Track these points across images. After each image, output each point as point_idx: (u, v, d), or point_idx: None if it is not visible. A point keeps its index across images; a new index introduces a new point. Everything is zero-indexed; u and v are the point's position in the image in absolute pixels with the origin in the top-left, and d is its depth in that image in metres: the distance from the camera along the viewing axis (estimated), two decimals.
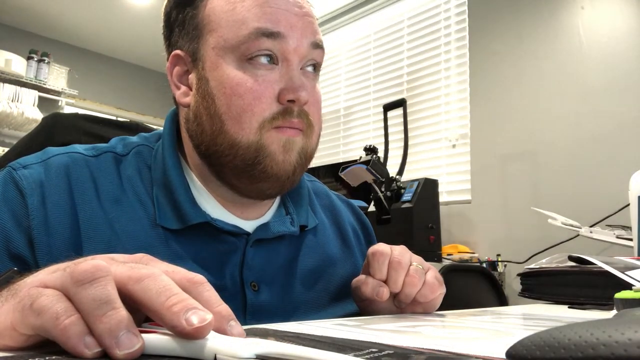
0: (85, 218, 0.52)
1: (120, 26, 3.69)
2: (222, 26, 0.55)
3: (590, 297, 0.81)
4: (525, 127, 2.17)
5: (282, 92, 0.55)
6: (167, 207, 0.56)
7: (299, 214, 0.65)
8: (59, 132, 0.72)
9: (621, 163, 1.83)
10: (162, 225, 0.55)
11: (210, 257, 0.56)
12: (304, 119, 0.56)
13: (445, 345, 0.33)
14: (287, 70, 0.55)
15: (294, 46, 0.55)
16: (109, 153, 0.59)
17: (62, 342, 0.26)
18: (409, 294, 0.57)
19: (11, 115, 3.24)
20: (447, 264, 1.72)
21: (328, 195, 0.76)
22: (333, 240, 0.70)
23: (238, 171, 0.56)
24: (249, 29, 0.54)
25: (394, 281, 0.56)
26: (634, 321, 0.21)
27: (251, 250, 0.59)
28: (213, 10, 0.56)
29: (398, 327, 0.45)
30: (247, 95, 0.54)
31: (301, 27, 0.56)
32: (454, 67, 2.52)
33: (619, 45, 1.93)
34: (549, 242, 1.90)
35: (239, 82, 0.54)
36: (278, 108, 0.55)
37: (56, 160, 0.55)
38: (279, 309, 0.59)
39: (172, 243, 0.54)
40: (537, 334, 0.24)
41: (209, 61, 0.56)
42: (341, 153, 3.04)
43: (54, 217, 0.51)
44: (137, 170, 0.58)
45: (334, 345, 0.32)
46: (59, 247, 0.50)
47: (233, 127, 0.54)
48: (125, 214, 0.54)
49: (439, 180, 2.20)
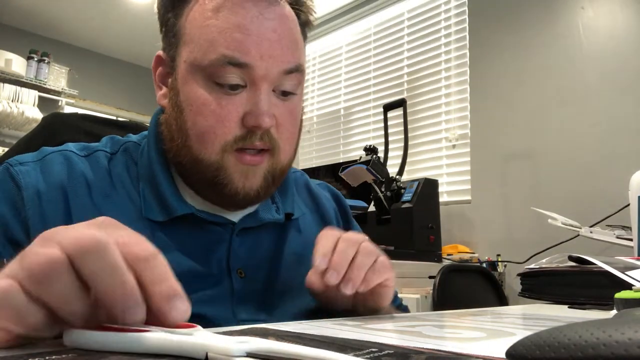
0: (77, 211, 0.54)
1: (120, 26, 3.69)
2: (194, 42, 0.55)
3: (590, 297, 0.81)
4: (525, 127, 2.17)
5: (245, 116, 0.55)
6: (153, 201, 0.57)
7: (284, 202, 0.67)
8: (59, 132, 0.73)
9: (621, 163, 1.83)
10: (148, 217, 0.56)
11: (197, 246, 0.57)
12: (266, 140, 0.56)
13: (445, 345, 0.33)
14: (254, 95, 0.55)
15: (262, 74, 0.55)
16: (100, 152, 0.61)
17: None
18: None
19: (11, 115, 3.24)
20: (447, 264, 1.72)
21: (307, 183, 0.77)
22: (315, 227, 0.70)
23: (203, 184, 0.58)
24: (216, 54, 0.53)
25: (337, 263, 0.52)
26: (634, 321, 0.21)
27: (237, 239, 0.60)
28: (190, 22, 0.56)
29: (398, 327, 0.45)
30: (210, 117, 0.54)
31: (272, 55, 0.55)
32: (454, 67, 2.52)
33: (619, 45, 1.93)
34: (549, 242, 1.90)
35: (204, 102, 0.54)
36: (241, 131, 0.55)
37: (51, 158, 0.57)
38: (265, 294, 0.60)
39: (158, 234, 0.56)
40: (537, 333, 0.24)
41: (181, 74, 0.57)
42: (341, 153, 3.04)
43: (49, 210, 0.53)
44: (125, 167, 0.60)
45: (334, 345, 0.32)
46: None
47: (196, 143, 0.55)
48: (114, 208, 0.56)
49: (439, 180, 2.20)
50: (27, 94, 3.35)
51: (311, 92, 3.32)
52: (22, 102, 3.32)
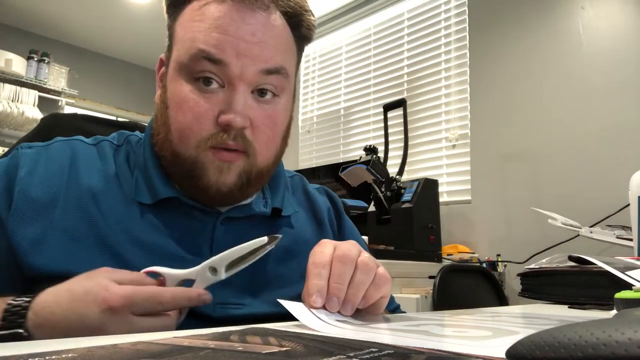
0: (73, 194, 0.58)
1: (120, 26, 3.69)
2: (180, 42, 0.60)
3: (590, 297, 0.81)
4: (525, 127, 2.17)
5: (219, 115, 0.57)
6: (144, 186, 0.61)
7: (273, 198, 0.69)
8: (57, 133, 0.73)
9: (621, 163, 1.83)
10: (138, 200, 0.60)
11: (182, 230, 0.60)
12: (239, 141, 0.58)
13: (446, 345, 0.33)
14: (230, 94, 0.57)
15: (237, 73, 0.57)
16: (107, 142, 0.66)
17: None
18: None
19: (11, 115, 3.24)
20: (447, 264, 1.72)
21: (304, 186, 0.79)
22: (309, 227, 0.73)
23: (181, 178, 0.61)
24: (194, 49, 0.57)
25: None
26: (634, 321, 0.21)
27: (222, 227, 0.62)
28: (180, 24, 0.61)
29: (399, 326, 0.45)
30: (188, 113, 0.58)
31: (250, 54, 0.57)
32: (454, 67, 2.52)
33: (619, 45, 1.93)
34: (549, 242, 1.90)
35: (184, 98, 0.58)
36: (216, 129, 0.57)
37: (57, 146, 0.62)
38: (250, 283, 0.61)
39: (147, 215, 0.60)
40: (537, 333, 0.24)
41: (170, 73, 0.61)
42: (341, 153, 3.04)
43: (36, 191, 0.57)
44: (126, 156, 0.65)
45: (334, 345, 0.32)
46: (28, 214, 0.55)
47: (175, 138, 0.59)
48: (111, 192, 0.60)
49: (439, 180, 2.20)
50: (27, 94, 3.35)
51: (311, 92, 3.32)
52: (22, 102, 3.32)
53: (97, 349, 0.29)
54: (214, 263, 0.51)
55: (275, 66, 0.59)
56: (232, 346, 0.31)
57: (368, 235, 1.94)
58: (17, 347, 0.29)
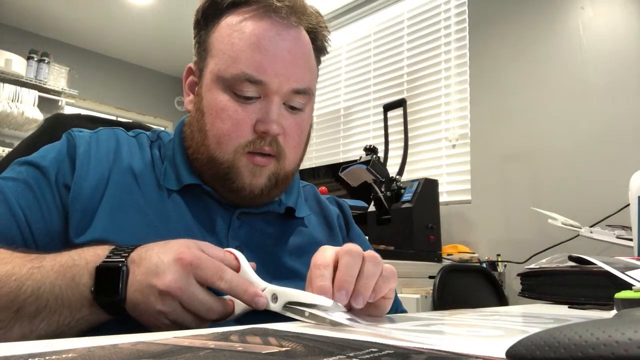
0: (116, 174, 0.65)
1: (120, 26, 3.69)
2: (219, 56, 0.65)
3: (590, 297, 0.81)
4: (525, 127, 2.17)
5: (257, 123, 0.64)
6: (171, 174, 0.68)
7: (287, 199, 0.74)
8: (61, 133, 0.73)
9: (621, 163, 1.83)
10: (166, 186, 0.67)
11: (202, 216, 0.67)
12: (274, 147, 0.65)
13: (445, 345, 0.33)
14: (266, 105, 0.64)
15: (274, 89, 0.64)
16: (144, 135, 0.73)
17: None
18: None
19: (11, 115, 3.24)
20: (447, 264, 1.72)
21: (316, 194, 0.85)
22: (321, 231, 0.78)
23: (215, 179, 0.67)
24: (237, 70, 0.63)
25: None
26: (634, 321, 0.21)
27: (237, 221, 0.68)
28: (217, 39, 0.66)
29: (399, 326, 0.45)
30: (227, 121, 0.64)
31: (286, 74, 0.64)
32: (454, 67, 2.52)
33: (619, 45, 1.93)
34: (549, 242, 1.90)
35: (223, 107, 0.64)
36: (252, 136, 0.64)
37: (104, 132, 0.70)
38: (264, 269, 0.61)
39: (173, 197, 0.66)
40: (537, 333, 0.24)
41: (206, 82, 0.66)
42: (341, 153, 3.04)
43: (92, 169, 0.64)
44: (158, 149, 0.72)
45: (334, 345, 0.32)
46: (87, 188, 0.62)
47: (213, 144, 0.65)
48: (147, 176, 0.67)
49: (439, 180, 2.20)
50: (27, 94, 3.35)
51: None
52: (22, 102, 3.32)
53: (97, 349, 0.29)
54: (280, 294, 0.49)
55: (304, 87, 0.66)
56: (232, 346, 0.31)
57: (368, 236, 1.93)
58: (17, 347, 0.29)
